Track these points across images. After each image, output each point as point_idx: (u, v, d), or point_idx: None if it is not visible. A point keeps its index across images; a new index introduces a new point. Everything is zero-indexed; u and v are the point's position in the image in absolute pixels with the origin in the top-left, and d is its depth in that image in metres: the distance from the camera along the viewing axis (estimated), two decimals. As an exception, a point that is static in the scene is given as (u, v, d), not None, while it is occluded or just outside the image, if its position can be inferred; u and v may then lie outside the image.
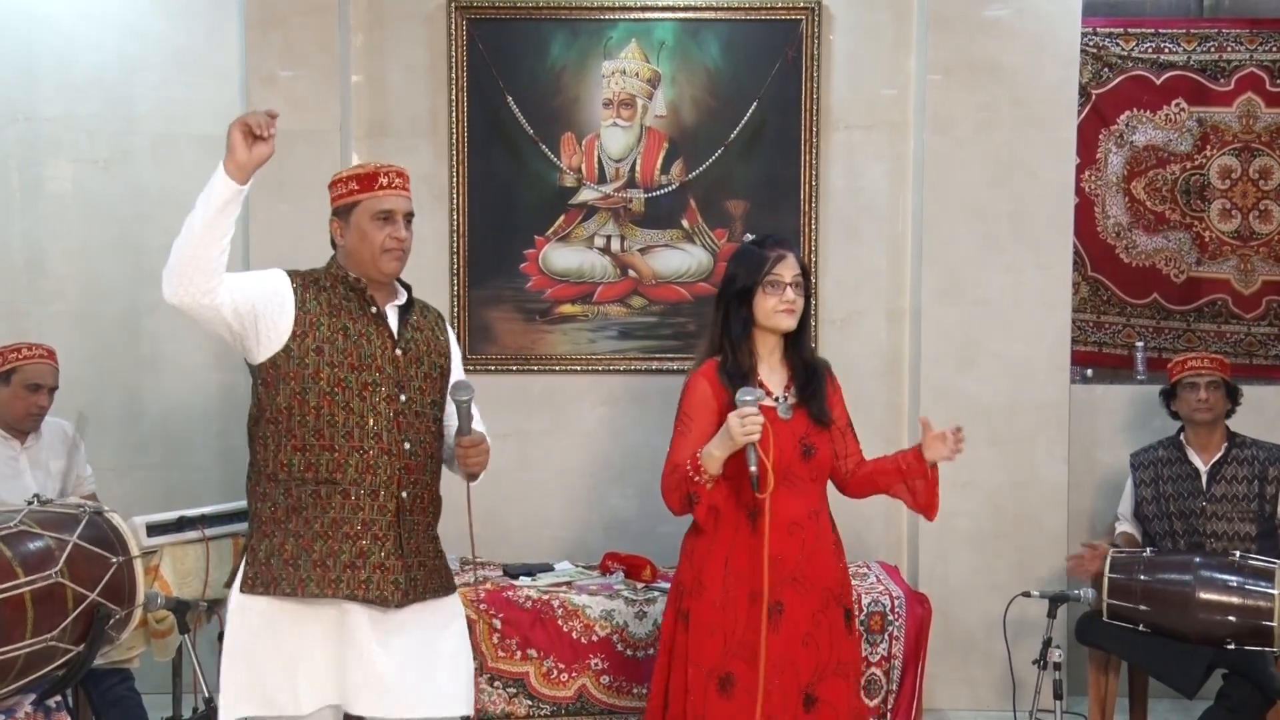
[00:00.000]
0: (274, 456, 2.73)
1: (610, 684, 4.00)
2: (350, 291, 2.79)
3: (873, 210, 4.78)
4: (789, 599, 2.89)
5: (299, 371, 2.71)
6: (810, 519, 2.94)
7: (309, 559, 2.70)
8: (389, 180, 2.79)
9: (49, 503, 3.11)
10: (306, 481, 2.72)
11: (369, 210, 2.76)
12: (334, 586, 2.70)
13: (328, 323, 2.74)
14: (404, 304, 2.87)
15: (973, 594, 4.55)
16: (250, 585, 2.72)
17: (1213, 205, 4.98)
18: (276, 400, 2.72)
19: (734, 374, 2.93)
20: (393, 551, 2.75)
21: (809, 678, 2.90)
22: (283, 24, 4.53)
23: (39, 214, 4.80)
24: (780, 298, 2.93)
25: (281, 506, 2.73)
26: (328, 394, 2.71)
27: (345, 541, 2.72)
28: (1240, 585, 3.68)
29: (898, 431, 4.73)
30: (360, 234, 2.77)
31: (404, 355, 2.81)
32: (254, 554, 2.74)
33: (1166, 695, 4.19)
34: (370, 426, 2.73)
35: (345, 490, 2.72)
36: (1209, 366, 4.11)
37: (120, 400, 4.78)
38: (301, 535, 2.71)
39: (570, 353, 4.81)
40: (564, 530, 4.82)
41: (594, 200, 4.77)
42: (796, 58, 4.70)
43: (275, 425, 2.73)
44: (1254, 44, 4.93)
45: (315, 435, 2.71)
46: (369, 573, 2.72)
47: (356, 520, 2.73)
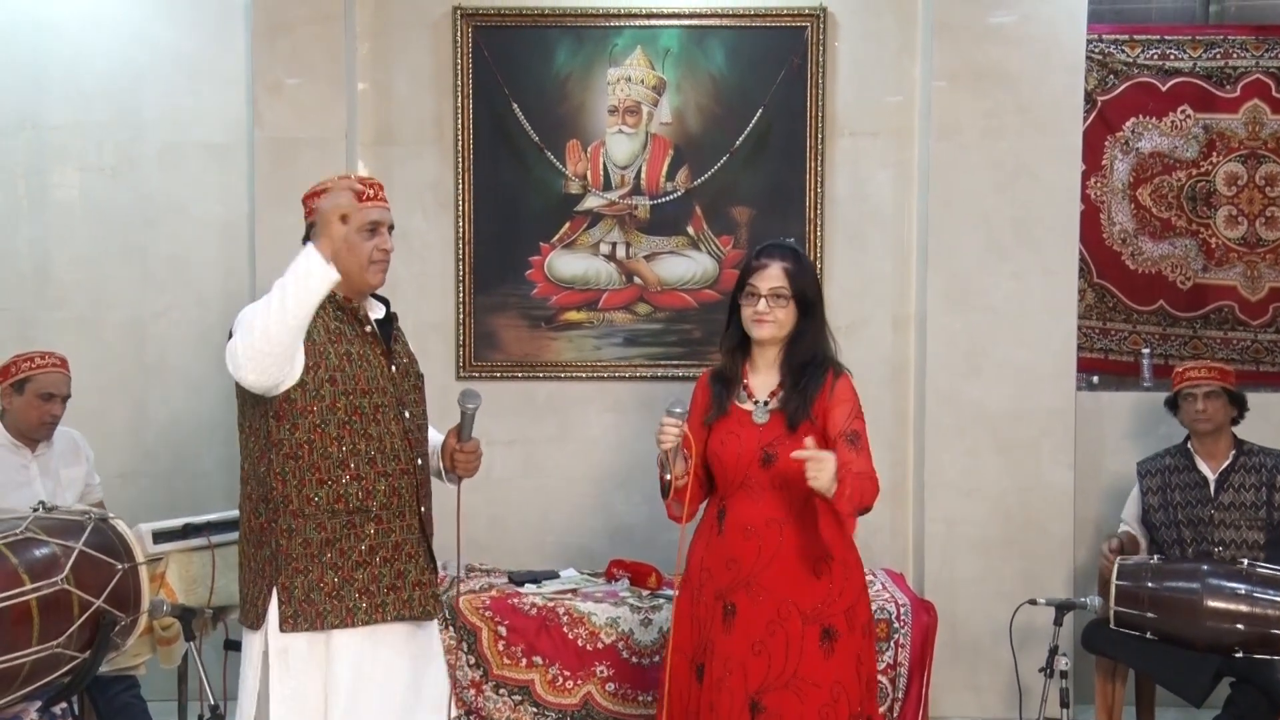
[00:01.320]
0: (297, 492, 2.68)
1: (616, 691, 3.99)
2: (340, 312, 2.75)
3: (878, 217, 4.78)
4: (741, 603, 2.95)
5: (316, 404, 2.67)
6: (768, 526, 2.94)
7: (353, 588, 2.69)
8: (374, 192, 2.75)
9: (55, 509, 3.11)
10: (338, 513, 2.69)
11: (356, 223, 2.69)
12: (381, 611, 2.72)
13: (333, 350, 2.71)
14: (383, 318, 2.85)
15: (979, 601, 4.54)
16: (292, 624, 2.67)
17: (1219, 212, 4.97)
18: (295, 435, 2.67)
19: (718, 379, 3.10)
20: (425, 567, 2.81)
21: (757, 685, 2.90)
22: (289, 32, 4.54)
23: (46, 221, 4.81)
24: (753, 308, 3.00)
25: (314, 541, 2.69)
26: (346, 424, 2.69)
27: (384, 566, 2.73)
28: (1249, 593, 3.67)
29: (903, 439, 4.73)
30: (349, 246, 2.68)
31: (397, 371, 2.80)
32: (288, 592, 2.67)
33: (1173, 703, 4.17)
34: (389, 449, 2.74)
35: (377, 516, 2.73)
36: (1207, 376, 4.08)
37: (126, 407, 4.79)
38: (340, 566, 2.69)
39: (575, 360, 4.81)
40: (569, 537, 4.81)
41: (599, 207, 4.77)
42: (802, 64, 4.70)
43: (295, 460, 2.68)
44: (1260, 51, 4.92)
45: (340, 466, 2.69)
46: (409, 591, 2.76)
47: (389, 544, 2.74)
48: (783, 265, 2.99)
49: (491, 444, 4.68)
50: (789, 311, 2.99)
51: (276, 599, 2.68)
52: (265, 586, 2.71)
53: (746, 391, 3.05)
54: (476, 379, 4.74)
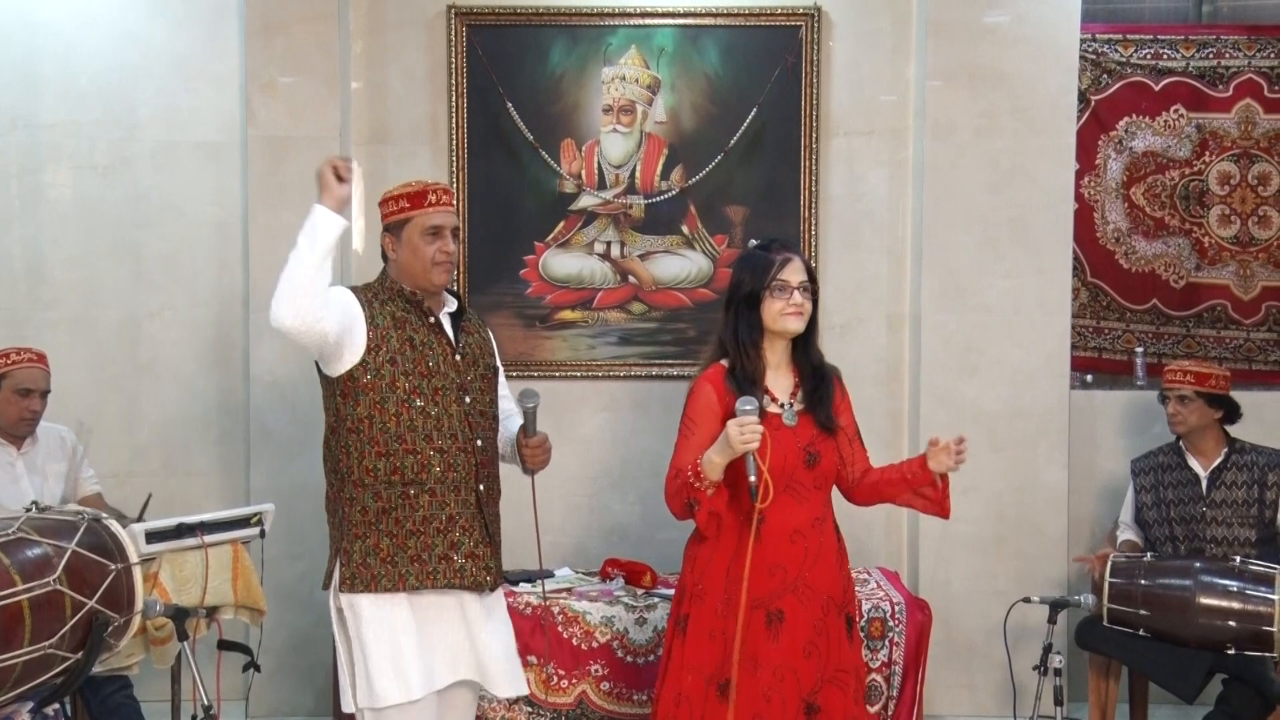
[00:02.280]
0: (359, 463, 2.91)
1: (610, 690, 3.99)
2: (408, 304, 2.97)
3: (873, 216, 4.78)
4: (789, 607, 2.88)
5: (377, 383, 2.89)
6: (813, 527, 2.92)
7: (405, 555, 2.90)
8: (437, 198, 2.98)
9: (47, 510, 3.11)
10: (394, 484, 2.90)
11: (419, 226, 2.95)
12: (432, 578, 2.91)
13: (396, 335, 2.93)
14: (455, 311, 3.07)
15: (973, 600, 4.55)
16: (350, 585, 2.90)
17: (1212, 211, 4.98)
18: (357, 410, 2.90)
19: (742, 379, 2.92)
20: (480, 540, 2.99)
21: (811, 687, 2.88)
22: (283, 30, 4.53)
23: (39, 221, 4.80)
24: (787, 301, 2.92)
25: (372, 509, 2.91)
26: (405, 401, 2.90)
27: (437, 536, 2.93)
28: (1241, 590, 3.68)
29: (898, 437, 4.73)
30: (412, 249, 2.95)
31: (462, 360, 3.01)
32: (348, 555, 2.91)
33: (1166, 700, 4.19)
34: (446, 428, 2.93)
35: (431, 489, 2.92)
36: (1180, 380, 4.07)
37: (119, 407, 4.77)
38: (395, 534, 2.90)
39: (570, 359, 4.80)
40: (564, 536, 4.81)
41: (594, 206, 4.77)
42: (796, 64, 4.70)
43: (358, 434, 2.90)
44: (1252, 50, 4.94)
45: (398, 440, 2.90)
46: (462, 561, 2.94)
47: (443, 515, 2.93)
48: (802, 259, 3.00)
49: (486, 443, 4.73)
50: (810, 304, 2.97)
51: (339, 562, 2.93)
52: (334, 551, 2.97)
53: (768, 394, 2.96)
54: (471, 378, 4.73)
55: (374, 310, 2.93)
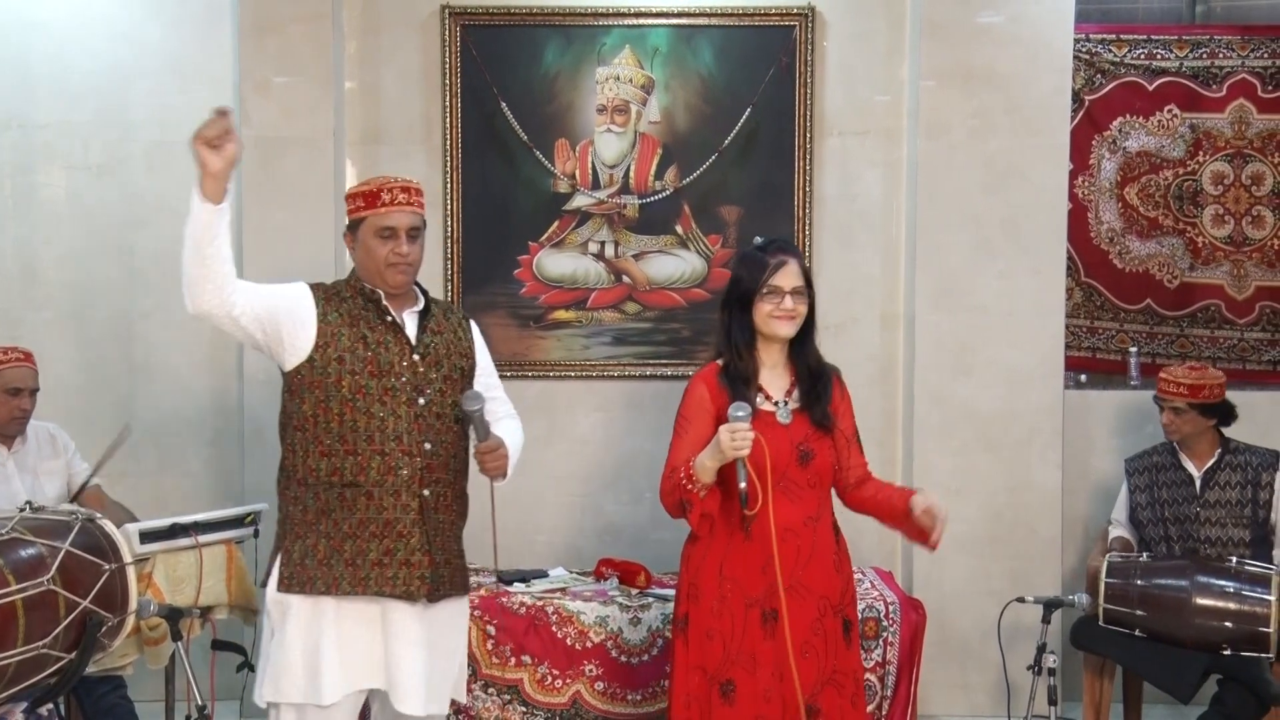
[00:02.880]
0: (302, 461, 2.90)
1: (605, 690, 3.99)
2: (367, 302, 2.93)
3: (866, 216, 4.78)
4: (786, 607, 2.87)
5: (322, 380, 2.86)
6: (806, 526, 2.92)
7: (340, 558, 2.86)
8: (391, 196, 2.91)
9: (41, 509, 3.10)
10: (333, 485, 2.87)
11: (372, 227, 2.91)
12: (364, 584, 2.85)
13: (348, 332, 2.89)
14: (422, 309, 3.00)
15: (967, 600, 4.55)
16: (287, 585, 2.87)
17: (1205, 211, 4.99)
18: (302, 408, 2.89)
19: (736, 379, 2.94)
20: (418, 548, 2.90)
21: (811, 688, 2.88)
22: (277, 31, 4.53)
23: (32, 221, 4.79)
24: (778, 305, 2.93)
25: (311, 509, 2.89)
26: (349, 401, 2.86)
27: (372, 540, 2.87)
28: (1237, 591, 3.69)
29: (892, 437, 4.74)
30: (366, 249, 2.92)
31: (422, 359, 2.94)
32: (288, 555, 2.89)
33: (1161, 700, 4.19)
34: (391, 430, 2.87)
35: (369, 492, 2.87)
36: (1174, 393, 4.06)
37: (113, 407, 4.76)
38: (332, 536, 2.87)
39: (564, 359, 4.80)
40: (558, 536, 4.81)
41: (588, 206, 4.77)
42: (790, 64, 4.71)
43: (302, 432, 2.89)
44: (1245, 50, 4.94)
45: (339, 440, 2.86)
46: (395, 569, 2.87)
47: (380, 520, 2.87)
48: (797, 261, 2.99)
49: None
50: (805, 307, 2.98)
51: (279, 560, 2.91)
52: (276, 548, 2.95)
53: (762, 392, 2.98)
54: (465, 378, 4.72)
55: (328, 308, 2.90)
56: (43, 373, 4.05)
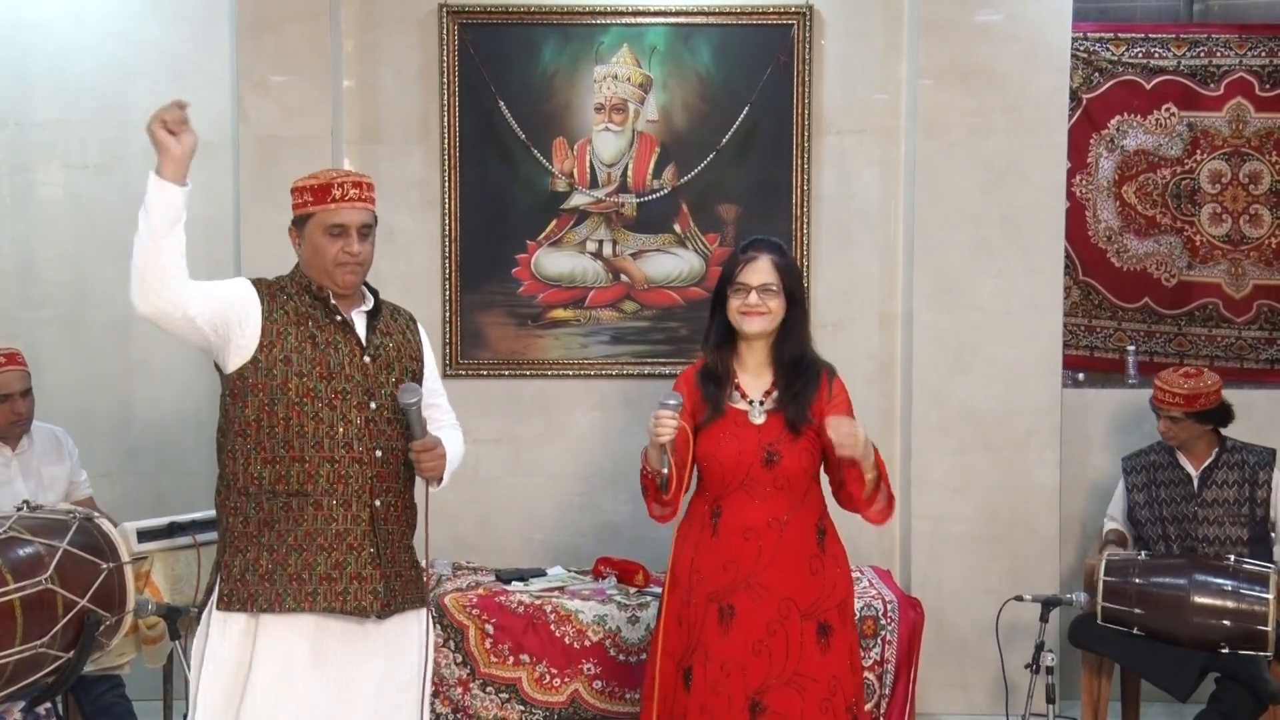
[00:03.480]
0: (244, 470, 2.68)
1: (603, 689, 3.99)
2: (315, 300, 2.75)
3: (864, 215, 4.78)
4: (741, 604, 2.91)
5: (267, 383, 2.67)
6: (770, 527, 2.92)
7: (284, 573, 2.65)
8: (343, 192, 2.72)
9: (39, 509, 3.10)
10: (278, 494, 2.67)
11: (321, 224, 2.72)
12: (310, 600, 2.65)
13: (295, 332, 2.70)
14: (371, 309, 2.83)
15: (965, 598, 4.55)
16: (227, 603, 2.66)
17: (1203, 210, 4.99)
18: (245, 412, 2.68)
19: (708, 377, 3.00)
20: (369, 561, 2.71)
21: (757, 685, 2.89)
22: (274, 29, 4.52)
23: (30, 220, 4.78)
24: (743, 301, 2.96)
25: (253, 521, 2.67)
26: (296, 404, 2.67)
27: (320, 554, 2.67)
28: (1235, 589, 3.69)
29: (890, 436, 4.73)
30: (313, 247, 2.73)
31: (373, 362, 2.77)
32: (228, 570, 2.68)
33: (1159, 699, 4.19)
34: (340, 435, 2.69)
35: (317, 501, 2.67)
36: (1170, 402, 4.04)
37: (111, 406, 4.76)
38: (275, 549, 2.66)
39: (562, 357, 4.80)
40: (556, 535, 4.81)
41: (586, 205, 4.77)
42: (788, 62, 4.70)
43: (244, 438, 2.68)
44: (1243, 49, 4.95)
45: (285, 447, 2.66)
46: (345, 584, 2.68)
47: (330, 531, 2.68)
48: (771, 258, 2.98)
49: (478, 442, 4.72)
50: (780, 303, 2.97)
51: (219, 576, 2.70)
52: (216, 562, 2.75)
53: (739, 391, 3.00)
54: (462, 377, 4.73)
55: (273, 304, 2.70)
56: (40, 372, 4.05)
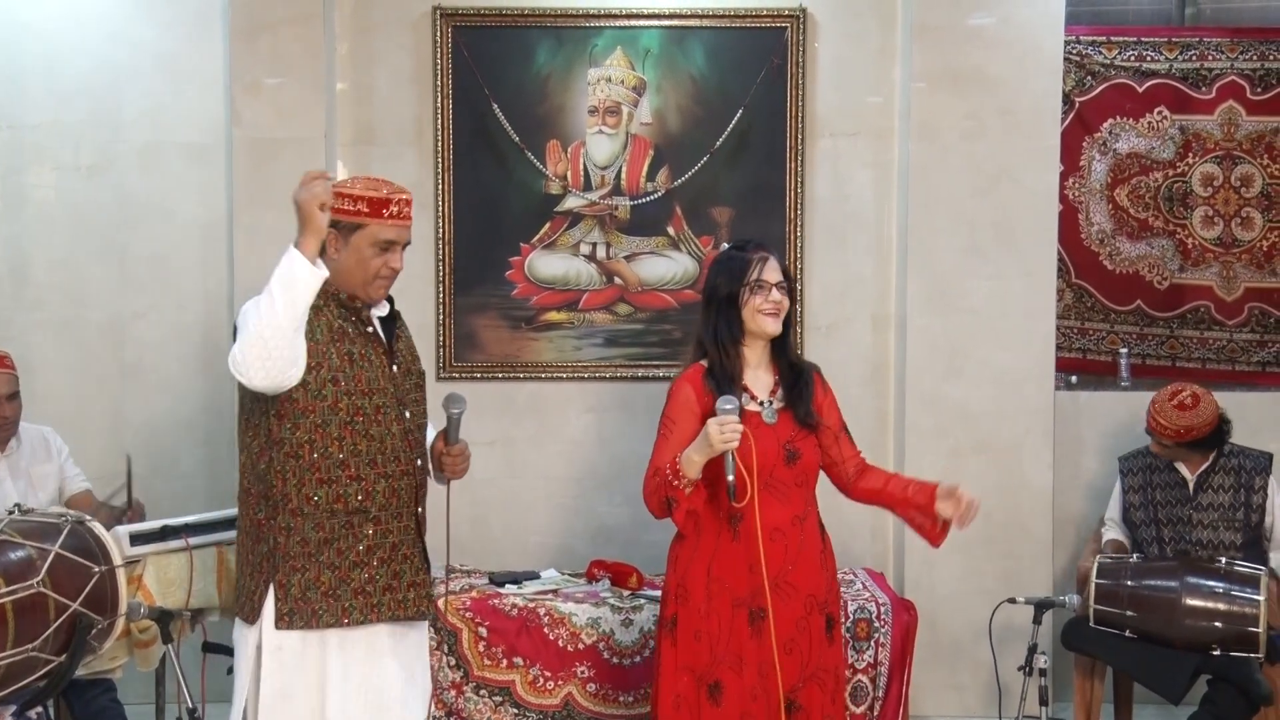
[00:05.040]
0: (297, 491, 2.71)
1: (597, 692, 3.99)
2: (343, 309, 2.77)
3: (858, 218, 4.79)
4: (772, 605, 2.90)
5: (318, 404, 2.69)
6: (794, 525, 2.94)
7: (349, 588, 2.73)
8: (398, 209, 2.76)
9: (30, 512, 3.09)
10: (336, 513, 2.72)
11: (371, 237, 2.74)
12: (377, 611, 2.75)
13: (335, 350, 2.73)
14: (386, 315, 2.87)
15: (959, 600, 4.56)
16: (288, 621, 2.70)
17: (1195, 212, 5.00)
18: (296, 435, 2.69)
19: (722, 379, 2.94)
20: (420, 567, 2.85)
21: (792, 684, 2.90)
22: (268, 31, 4.52)
23: (23, 221, 4.77)
24: (766, 298, 2.95)
25: (312, 540, 2.72)
26: (348, 424, 2.71)
27: (381, 566, 2.76)
28: (1226, 592, 3.70)
29: (883, 438, 4.74)
30: (358, 258, 2.74)
31: (398, 370, 2.82)
32: (284, 589, 2.71)
33: (1151, 701, 4.20)
34: (390, 450, 2.76)
35: (376, 517, 2.75)
36: (1164, 434, 4.03)
37: (104, 409, 4.75)
38: (337, 566, 2.72)
39: (556, 360, 4.80)
40: (550, 538, 4.81)
41: (579, 208, 4.77)
42: (782, 65, 4.71)
43: (295, 460, 2.70)
44: (1235, 53, 4.96)
45: (340, 467, 2.71)
46: (404, 592, 2.79)
47: (387, 544, 2.78)
48: (777, 259, 3.02)
49: (472, 445, 4.66)
50: (787, 303, 3.00)
51: (273, 595, 2.71)
52: (263, 582, 2.74)
53: (748, 392, 2.99)
54: (457, 380, 4.73)
55: (312, 321, 2.67)
56: (33, 375, 4.05)
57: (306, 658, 2.73)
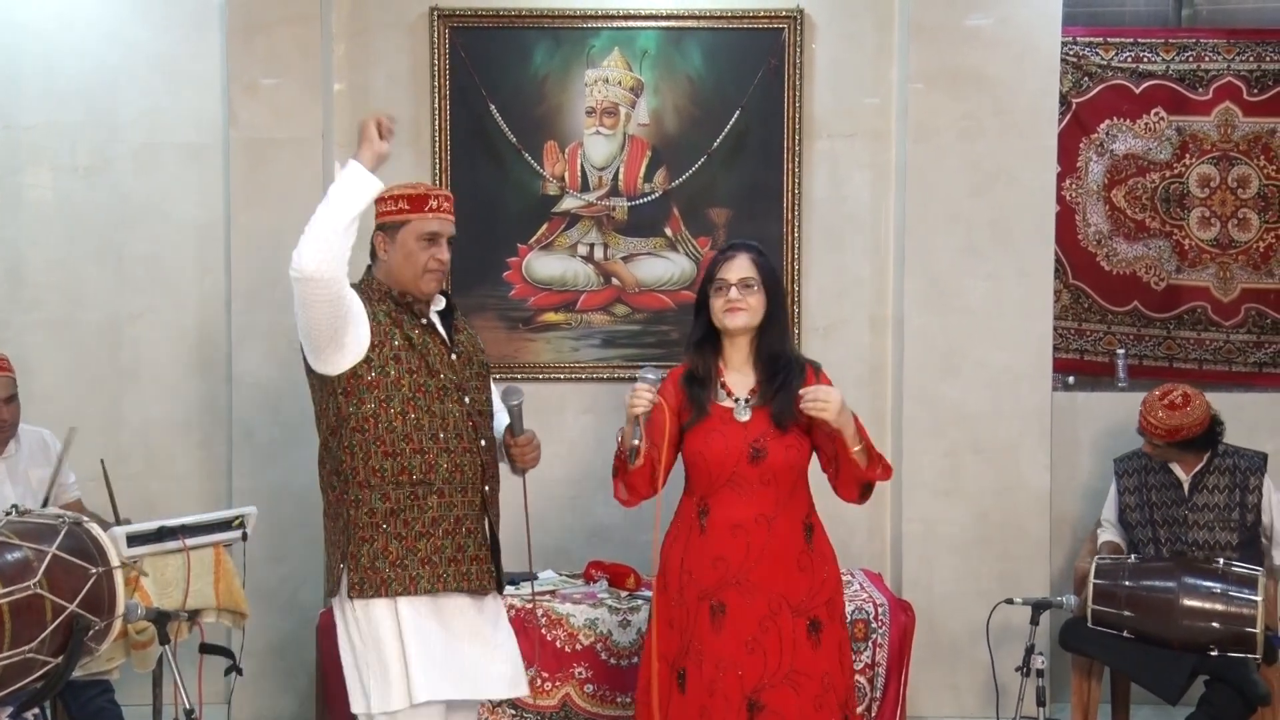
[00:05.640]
0: (364, 463, 2.84)
1: (594, 692, 3.99)
2: (397, 306, 2.91)
3: (855, 219, 4.79)
4: (731, 601, 2.93)
5: (381, 379, 2.83)
6: (757, 523, 2.94)
7: (415, 558, 2.84)
8: (439, 204, 2.93)
9: (27, 513, 3.09)
10: (402, 484, 2.84)
11: (416, 231, 2.90)
12: (443, 581, 2.85)
13: (397, 332, 2.87)
14: (443, 310, 3.02)
15: (956, 601, 4.56)
16: (360, 590, 2.82)
17: (1192, 213, 5.01)
18: (363, 408, 2.82)
19: (692, 379, 3.05)
20: (483, 543, 2.96)
21: (754, 684, 2.90)
22: (265, 32, 4.52)
23: (19, 222, 4.77)
24: (724, 298, 3.01)
25: (379, 511, 2.84)
26: (411, 399, 2.84)
27: (446, 538, 2.87)
28: (1224, 592, 3.71)
29: (881, 438, 4.74)
30: (405, 253, 2.90)
31: (458, 359, 2.96)
32: (355, 560, 2.83)
33: (1149, 701, 4.20)
34: (452, 427, 2.88)
35: (440, 490, 2.87)
36: (1154, 434, 4.02)
37: (100, 410, 4.75)
38: (404, 536, 2.84)
39: (553, 361, 4.80)
40: (547, 539, 4.78)
41: (577, 209, 4.77)
42: (779, 66, 4.71)
43: (362, 433, 2.83)
44: (1231, 54, 4.96)
45: (405, 440, 2.83)
46: (468, 565, 2.90)
47: (451, 517, 2.89)
48: (749, 255, 3.05)
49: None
50: (760, 299, 3.02)
51: (344, 566, 2.86)
52: (339, 556, 2.88)
53: (725, 390, 3.04)
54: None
55: (374, 307, 2.86)
56: (30, 376, 4.04)
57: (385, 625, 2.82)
